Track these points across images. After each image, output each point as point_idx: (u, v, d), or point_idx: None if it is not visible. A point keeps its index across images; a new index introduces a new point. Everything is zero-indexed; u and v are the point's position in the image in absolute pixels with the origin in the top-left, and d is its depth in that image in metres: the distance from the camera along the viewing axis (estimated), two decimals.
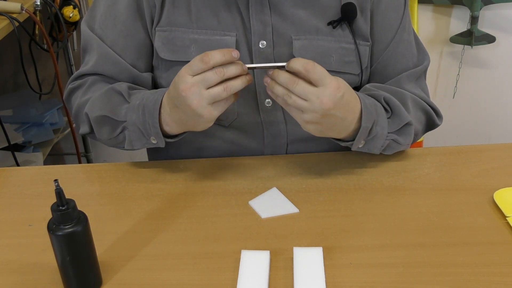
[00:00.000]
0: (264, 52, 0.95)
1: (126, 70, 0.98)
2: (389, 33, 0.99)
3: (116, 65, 0.97)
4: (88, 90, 0.97)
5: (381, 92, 0.92)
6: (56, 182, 0.63)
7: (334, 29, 0.96)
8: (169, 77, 1.00)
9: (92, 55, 0.99)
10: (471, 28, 2.01)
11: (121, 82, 0.94)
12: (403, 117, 0.91)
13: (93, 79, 0.98)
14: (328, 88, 0.77)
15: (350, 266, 0.74)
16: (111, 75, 0.98)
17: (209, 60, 0.76)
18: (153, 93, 0.89)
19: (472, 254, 0.75)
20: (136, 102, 0.88)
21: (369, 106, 0.86)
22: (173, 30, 0.95)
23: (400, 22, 0.99)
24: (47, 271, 0.74)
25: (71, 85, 1.00)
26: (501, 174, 0.93)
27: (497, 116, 2.28)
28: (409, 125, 0.92)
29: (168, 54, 0.96)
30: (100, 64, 0.97)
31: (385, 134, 0.90)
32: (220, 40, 0.94)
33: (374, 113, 0.87)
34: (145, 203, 0.88)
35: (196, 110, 0.78)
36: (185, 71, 0.78)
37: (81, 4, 1.93)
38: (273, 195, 0.89)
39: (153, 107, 0.86)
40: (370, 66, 1.01)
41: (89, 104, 0.93)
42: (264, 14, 0.94)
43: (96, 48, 0.97)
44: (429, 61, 1.02)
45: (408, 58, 1.00)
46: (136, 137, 0.90)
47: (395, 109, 0.91)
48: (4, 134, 1.65)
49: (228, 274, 0.73)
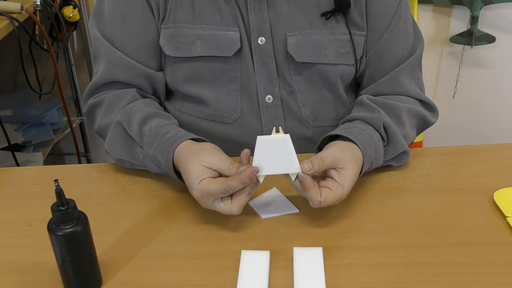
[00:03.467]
0: (264, 49, 0.96)
1: (141, 73, 0.98)
2: (384, 21, 0.98)
3: (130, 69, 0.97)
4: (107, 113, 0.96)
5: (381, 116, 0.91)
6: (56, 182, 0.63)
7: (327, 20, 0.96)
8: (173, 74, 1.00)
9: (100, 63, 0.98)
10: (471, 28, 2.00)
11: (131, 115, 0.92)
12: (399, 145, 0.91)
13: (111, 99, 0.97)
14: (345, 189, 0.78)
15: (350, 266, 0.74)
16: (127, 80, 0.98)
17: (230, 192, 0.76)
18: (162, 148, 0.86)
19: (472, 254, 0.75)
20: (149, 151, 0.87)
21: (369, 150, 0.86)
22: (177, 27, 0.96)
23: (395, 10, 0.98)
24: (47, 271, 0.74)
25: (90, 101, 1.00)
26: (501, 174, 0.93)
27: (496, 116, 2.28)
28: (405, 153, 0.93)
29: (173, 51, 0.97)
30: (113, 71, 0.97)
31: (380, 164, 0.91)
32: (225, 35, 0.95)
33: (373, 153, 0.87)
34: (145, 203, 0.88)
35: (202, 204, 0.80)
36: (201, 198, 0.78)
37: (81, 4, 1.93)
38: (273, 195, 0.89)
39: (166, 165, 0.85)
40: (365, 56, 1.01)
41: (107, 141, 0.94)
42: (262, 10, 0.95)
43: (105, 55, 0.97)
44: (423, 47, 1.02)
45: (404, 47, 1.00)
46: (159, 171, 0.91)
47: (392, 138, 0.91)
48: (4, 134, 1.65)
49: (228, 274, 0.73)
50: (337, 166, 0.79)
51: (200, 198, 0.78)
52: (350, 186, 0.79)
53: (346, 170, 0.79)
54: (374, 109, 0.93)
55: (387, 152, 0.91)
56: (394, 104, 0.96)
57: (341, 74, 1.00)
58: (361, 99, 0.97)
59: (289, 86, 0.99)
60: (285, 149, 0.76)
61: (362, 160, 0.84)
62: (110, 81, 0.98)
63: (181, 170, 0.82)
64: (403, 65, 0.99)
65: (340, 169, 0.79)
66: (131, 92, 0.97)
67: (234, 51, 0.96)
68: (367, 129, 0.89)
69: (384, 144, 0.91)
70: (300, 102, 1.00)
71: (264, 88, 0.98)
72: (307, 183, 0.76)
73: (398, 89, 0.99)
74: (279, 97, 0.99)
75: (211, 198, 0.77)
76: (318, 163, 0.77)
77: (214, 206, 0.78)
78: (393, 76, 0.99)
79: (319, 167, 0.77)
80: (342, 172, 0.79)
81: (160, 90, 1.03)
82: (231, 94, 0.99)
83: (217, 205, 0.78)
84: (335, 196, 0.77)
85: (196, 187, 0.77)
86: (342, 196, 0.79)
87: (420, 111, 0.99)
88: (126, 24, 0.97)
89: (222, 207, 0.77)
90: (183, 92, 1.01)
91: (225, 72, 0.98)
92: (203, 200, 0.78)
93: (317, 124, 1.03)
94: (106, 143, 0.94)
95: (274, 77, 0.98)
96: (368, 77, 1.03)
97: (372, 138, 0.88)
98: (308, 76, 0.99)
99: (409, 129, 0.96)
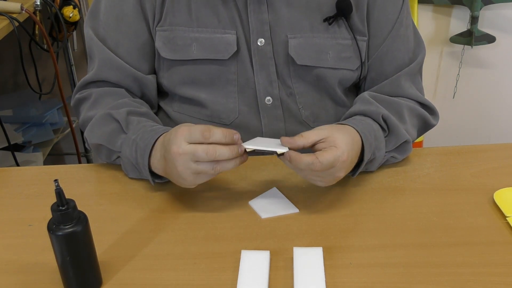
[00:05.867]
0: (263, 50, 0.96)
1: (130, 75, 0.98)
2: (385, 27, 0.99)
3: (120, 70, 0.97)
4: (93, 106, 0.96)
5: (379, 109, 0.91)
6: (56, 182, 0.63)
7: (330, 25, 0.96)
8: (170, 77, 1.00)
9: (94, 62, 0.99)
10: (471, 28, 2.00)
11: (121, 106, 0.93)
12: (400, 135, 0.92)
13: (98, 93, 0.97)
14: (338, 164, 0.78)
15: (350, 266, 0.74)
16: (116, 81, 0.98)
17: (209, 137, 0.75)
18: (149, 131, 0.87)
19: (472, 254, 0.75)
20: (131, 136, 0.87)
21: (369, 137, 0.86)
22: (173, 30, 0.95)
23: (397, 16, 0.99)
24: (47, 271, 0.74)
25: (78, 95, 1.01)
26: (501, 174, 0.93)
27: (497, 116, 2.28)
28: (407, 143, 0.93)
29: (169, 53, 0.97)
30: (104, 70, 0.97)
31: (382, 155, 0.91)
32: (221, 38, 0.95)
33: (373, 141, 0.87)
34: (145, 203, 0.88)
35: (180, 173, 0.78)
36: (182, 134, 0.77)
37: (81, 4, 1.93)
38: (273, 195, 0.89)
39: (144, 150, 0.85)
40: (367, 61, 1.01)
41: (89, 128, 0.93)
42: (262, 12, 0.95)
43: (98, 54, 0.97)
44: (424, 54, 1.02)
45: (405, 53, 1.00)
46: (130, 169, 0.91)
47: (392, 129, 0.91)
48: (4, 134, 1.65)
49: (228, 274, 0.73)
50: (320, 138, 0.80)
51: (178, 155, 0.76)
52: (344, 146, 0.79)
53: (331, 136, 0.79)
54: (371, 103, 0.93)
55: (388, 142, 0.91)
56: (396, 101, 0.96)
57: (340, 78, 1.00)
58: (362, 95, 0.98)
59: (288, 88, 0.99)
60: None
61: (361, 142, 0.85)
62: (99, 80, 0.98)
63: (163, 144, 0.81)
64: (405, 70, 0.99)
65: (325, 138, 0.80)
66: (120, 91, 0.98)
67: (231, 53, 0.96)
68: (366, 120, 0.90)
69: (385, 134, 0.91)
70: (300, 103, 1.00)
71: (263, 90, 0.98)
72: (294, 155, 0.77)
73: (399, 92, 1.00)
74: (278, 99, 0.99)
75: (188, 153, 0.75)
76: (299, 138, 0.79)
77: (193, 166, 0.76)
78: (394, 80, 0.99)
79: (301, 141, 0.78)
80: (328, 139, 0.79)
81: (149, 93, 1.02)
82: (229, 96, 0.99)
83: (198, 166, 0.76)
84: (331, 152, 0.77)
85: (179, 134, 0.76)
86: (340, 154, 0.78)
87: (421, 111, 0.99)
88: (120, 26, 0.97)
89: (203, 167, 0.76)
90: (181, 95, 1.01)
91: (222, 74, 0.98)
92: (181, 157, 0.76)
93: (318, 125, 1.02)
94: (86, 130, 0.94)
95: (273, 79, 0.98)
96: (369, 81, 1.03)
97: (372, 128, 0.88)
98: (308, 79, 0.99)
99: (410, 127, 0.96)
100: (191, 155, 0.76)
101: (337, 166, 0.78)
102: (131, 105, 0.94)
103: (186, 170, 0.77)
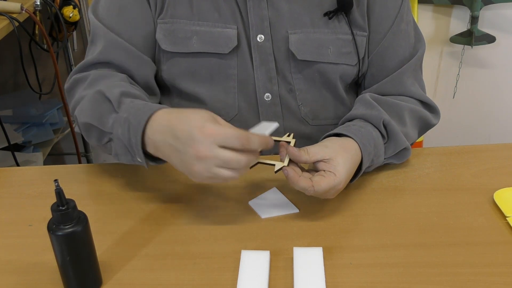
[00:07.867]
0: (263, 46, 0.96)
1: (137, 57, 0.95)
2: (386, 23, 0.99)
3: (126, 51, 0.95)
4: (90, 86, 0.91)
5: (381, 114, 0.91)
6: (56, 182, 0.63)
7: (330, 20, 0.96)
8: (169, 69, 1.00)
9: (99, 44, 0.96)
10: (471, 28, 2.01)
11: (115, 87, 0.86)
12: (399, 143, 0.92)
13: (97, 73, 0.93)
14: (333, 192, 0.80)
15: (350, 266, 0.74)
16: (120, 62, 0.95)
17: (249, 147, 0.71)
18: (140, 107, 0.80)
19: (472, 254, 0.75)
20: (123, 114, 0.80)
21: (368, 147, 0.86)
22: (174, 22, 0.96)
23: (398, 11, 0.99)
24: (47, 271, 0.74)
25: (75, 76, 0.95)
26: (501, 174, 0.93)
27: (497, 116, 2.28)
28: (406, 150, 0.93)
29: (169, 45, 0.97)
30: (109, 51, 0.95)
31: (381, 162, 0.91)
32: (222, 32, 0.95)
33: (372, 150, 0.87)
34: (145, 203, 0.88)
35: (195, 172, 0.72)
36: (212, 135, 0.69)
37: (81, 4, 1.93)
38: (273, 195, 0.89)
39: (137, 128, 0.77)
40: (368, 57, 1.02)
41: (80, 107, 0.88)
42: (261, 8, 0.95)
43: (103, 37, 0.95)
44: (424, 49, 1.03)
45: (406, 48, 1.01)
46: (122, 152, 0.82)
47: (392, 135, 0.91)
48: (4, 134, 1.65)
49: (228, 274, 0.73)
50: (323, 158, 0.80)
51: (204, 157, 0.69)
52: (343, 174, 0.79)
53: (334, 160, 0.80)
54: (373, 107, 0.93)
55: (387, 149, 0.91)
56: (396, 103, 0.96)
57: (341, 73, 1.00)
58: (363, 96, 0.97)
59: (288, 84, 0.99)
60: None
61: (360, 154, 0.85)
62: (103, 61, 0.95)
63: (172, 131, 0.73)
64: (406, 66, 0.99)
65: (328, 160, 0.80)
66: (120, 75, 0.94)
67: (231, 48, 0.96)
68: (366, 126, 0.90)
69: (384, 141, 0.91)
70: (299, 100, 1.01)
71: (262, 86, 0.98)
72: (291, 176, 0.78)
73: (401, 90, 1.00)
74: (277, 95, 0.99)
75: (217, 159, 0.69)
76: (305, 154, 0.79)
77: (215, 170, 0.70)
78: (396, 77, 1.00)
79: (305, 158, 0.79)
80: (331, 162, 0.79)
81: (152, 85, 0.99)
82: (228, 92, 0.99)
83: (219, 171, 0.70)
84: (327, 181, 0.78)
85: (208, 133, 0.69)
86: (337, 183, 0.78)
87: (422, 112, 0.99)
88: (123, 15, 0.96)
89: (232, 155, 0.70)
90: (180, 89, 1.01)
91: (221, 69, 0.98)
92: (206, 161, 0.69)
93: (316, 123, 1.03)
94: (77, 109, 0.89)
95: (273, 75, 0.98)
96: (370, 77, 1.03)
97: (372, 136, 0.88)
98: (308, 75, 0.99)
99: (411, 129, 0.96)
100: (221, 161, 0.70)
101: (331, 192, 0.80)
102: (127, 87, 0.88)
103: (204, 172, 0.71)
